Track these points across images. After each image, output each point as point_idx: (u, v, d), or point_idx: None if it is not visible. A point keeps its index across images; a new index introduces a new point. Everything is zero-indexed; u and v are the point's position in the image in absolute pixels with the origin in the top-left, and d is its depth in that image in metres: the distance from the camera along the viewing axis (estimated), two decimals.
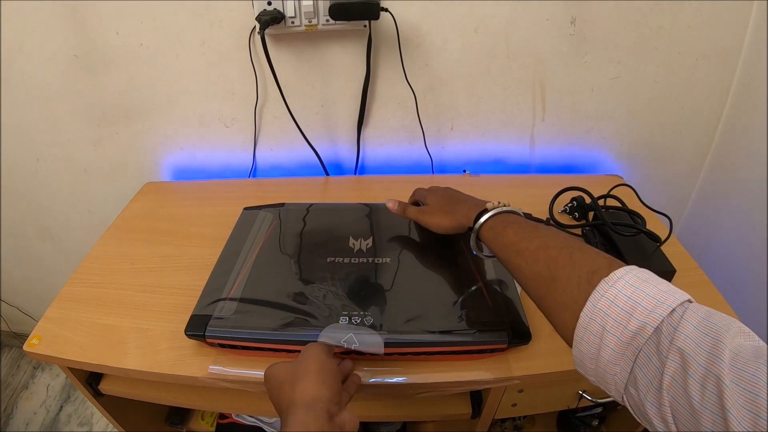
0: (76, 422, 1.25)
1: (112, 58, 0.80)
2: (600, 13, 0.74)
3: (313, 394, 0.38)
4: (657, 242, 0.66)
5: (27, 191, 1.01)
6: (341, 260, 0.59)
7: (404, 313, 0.52)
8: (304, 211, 0.72)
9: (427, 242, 0.63)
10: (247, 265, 0.61)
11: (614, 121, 0.86)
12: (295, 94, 0.83)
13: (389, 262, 0.59)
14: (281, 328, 0.51)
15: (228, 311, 0.54)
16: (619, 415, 0.86)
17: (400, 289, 0.56)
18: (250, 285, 0.57)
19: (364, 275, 0.57)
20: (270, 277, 0.59)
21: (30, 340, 0.59)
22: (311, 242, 0.65)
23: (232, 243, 0.66)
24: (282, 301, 0.54)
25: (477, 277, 0.57)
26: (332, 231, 0.66)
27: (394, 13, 0.72)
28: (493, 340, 0.49)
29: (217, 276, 0.60)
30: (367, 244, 0.62)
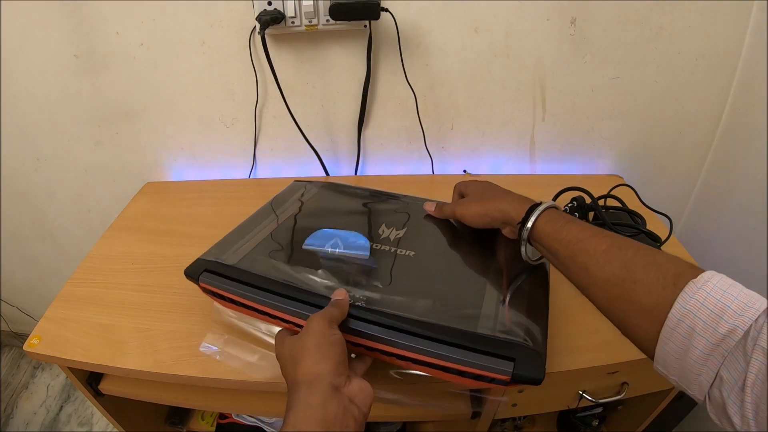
0: (76, 422, 1.25)
1: (112, 58, 0.80)
2: (600, 13, 0.74)
3: (312, 371, 0.36)
4: (657, 242, 0.66)
5: (27, 191, 1.01)
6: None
7: (407, 305, 0.46)
8: (351, 190, 0.70)
9: (462, 245, 0.58)
10: (269, 228, 0.60)
11: (614, 121, 0.86)
12: (296, 94, 0.83)
13: (412, 256, 0.54)
14: (274, 293, 0.47)
15: (231, 262, 0.52)
16: (619, 415, 0.86)
17: (413, 283, 0.50)
18: (263, 246, 0.56)
19: (381, 261, 0.53)
20: (286, 243, 0.57)
21: (30, 340, 0.59)
22: (343, 220, 0.63)
23: (265, 208, 0.65)
24: (286, 269, 0.51)
25: (504, 289, 0.49)
26: (368, 213, 0.64)
27: (394, 13, 0.72)
28: (493, 367, 0.40)
29: (238, 231, 0.59)
30: (398, 234, 0.58)
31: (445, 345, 0.41)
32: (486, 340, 0.41)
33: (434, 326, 0.42)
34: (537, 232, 0.45)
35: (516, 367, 0.40)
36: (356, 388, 0.37)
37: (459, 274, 0.53)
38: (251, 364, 0.54)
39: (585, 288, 0.40)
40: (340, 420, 0.34)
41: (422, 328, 0.42)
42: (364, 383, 0.38)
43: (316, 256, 0.54)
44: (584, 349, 0.56)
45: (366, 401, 0.37)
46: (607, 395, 0.64)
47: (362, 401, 0.37)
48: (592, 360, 0.55)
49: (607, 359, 0.55)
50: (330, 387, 0.35)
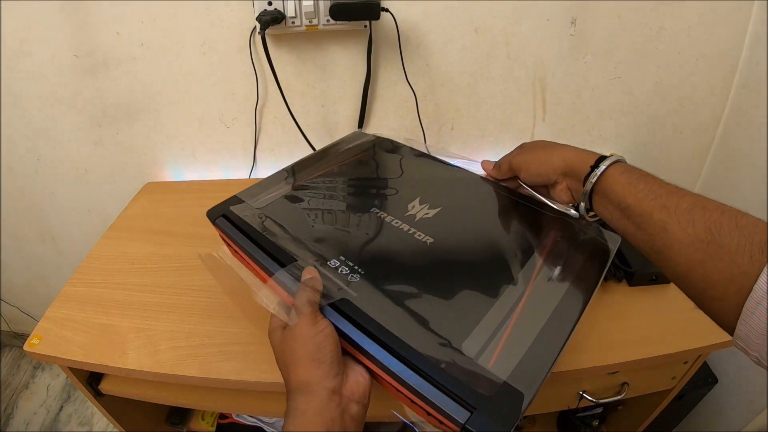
0: (77, 422, 1.25)
1: (112, 58, 0.80)
2: (600, 14, 0.74)
3: (304, 379, 0.34)
4: None
5: (27, 191, 1.01)
6: (383, 216, 0.50)
7: (386, 310, 0.39)
8: (407, 154, 0.64)
9: (495, 240, 0.48)
10: (304, 178, 0.58)
11: (614, 121, 0.86)
12: (296, 95, 0.83)
13: (429, 243, 0.47)
14: (270, 256, 0.45)
15: (248, 212, 0.52)
16: (619, 415, 0.86)
17: (413, 274, 0.44)
18: (285, 200, 0.54)
19: (390, 240, 0.47)
20: (309, 198, 0.55)
21: (30, 340, 0.59)
22: (377, 185, 0.58)
23: (319, 153, 0.64)
24: (294, 227, 0.49)
25: (515, 312, 0.40)
26: (408, 184, 0.57)
27: (394, 13, 0.72)
28: (445, 412, 0.33)
29: (275, 177, 0.59)
30: (426, 214, 0.51)
31: (407, 367, 0.35)
32: (449, 378, 0.34)
33: (400, 342, 0.36)
34: (606, 184, 0.41)
35: (472, 421, 0.32)
36: (353, 383, 0.36)
37: (470, 277, 0.44)
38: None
39: (660, 251, 0.36)
40: (338, 423, 0.33)
41: (388, 339, 0.37)
42: (360, 374, 0.36)
43: (330, 217, 0.51)
44: (584, 349, 0.56)
45: (364, 394, 0.36)
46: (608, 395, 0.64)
47: (361, 395, 0.36)
48: (592, 360, 0.54)
49: (607, 359, 0.55)
50: (325, 392, 0.34)
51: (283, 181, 0.58)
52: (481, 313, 0.39)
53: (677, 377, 0.66)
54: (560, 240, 0.47)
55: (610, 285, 0.64)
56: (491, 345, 0.36)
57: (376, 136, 0.68)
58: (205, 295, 0.64)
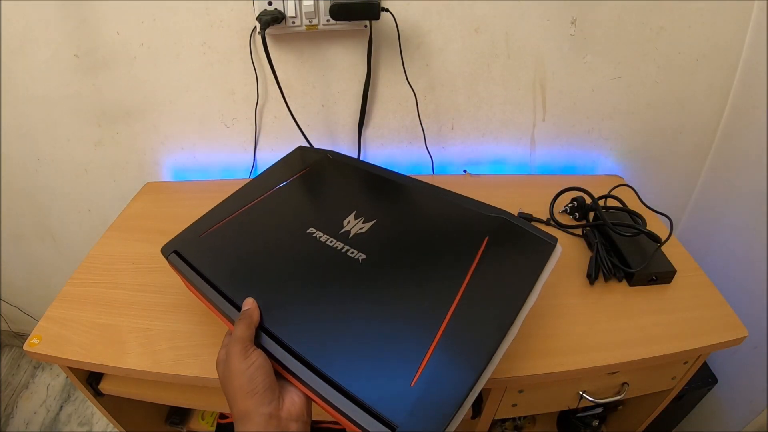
0: (77, 422, 1.25)
1: (112, 57, 0.80)
2: (601, 14, 0.74)
3: (242, 408, 0.36)
4: (657, 243, 0.66)
5: (27, 191, 1.01)
6: (318, 236, 0.49)
7: (314, 339, 0.40)
8: (346, 167, 0.63)
9: (428, 253, 0.46)
10: (244, 205, 0.58)
11: (615, 121, 0.86)
12: (296, 94, 0.83)
13: (361, 261, 0.46)
14: (216, 290, 0.47)
15: (195, 244, 0.54)
16: (619, 415, 0.86)
17: (342, 294, 0.43)
18: (229, 228, 0.55)
19: (321, 261, 0.47)
20: (248, 226, 0.55)
21: (30, 340, 0.59)
22: (316, 203, 0.57)
23: (258, 178, 0.64)
24: (233, 258, 0.50)
25: (440, 328, 0.38)
26: (346, 198, 0.56)
27: (394, 13, 0.72)
28: (366, 430, 0.34)
29: (222, 207, 0.59)
30: (361, 229, 0.50)
31: (335, 390, 0.36)
32: (370, 397, 0.34)
33: (324, 365, 0.37)
34: None
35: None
36: (289, 404, 0.37)
37: (397, 294, 0.42)
38: None
39: None
40: None
41: (314, 362, 0.38)
42: (296, 395, 0.38)
43: (264, 244, 0.52)
44: (584, 349, 0.56)
45: (302, 412, 0.38)
46: (607, 395, 0.64)
47: (298, 414, 0.37)
48: (592, 360, 0.55)
49: (607, 359, 0.55)
50: (262, 418, 0.35)
51: (227, 210, 0.58)
52: (405, 332, 0.39)
53: (677, 377, 0.66)
54: (494, 245, 0.45)
55: (611, 285, 0.64)
56: (413, 365, 0.36)
57: (318, 151, 0.67)
58: None
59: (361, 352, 0.38)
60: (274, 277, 0.47)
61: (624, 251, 0.66)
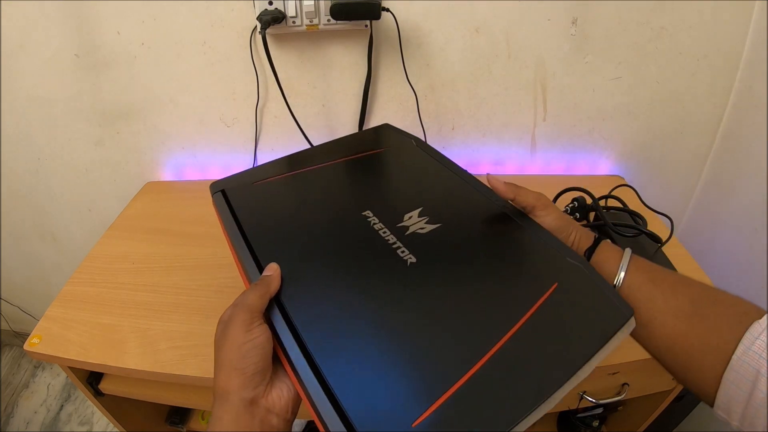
0: (77, 421, 1.25)
1: (113, 57, 0.80)
2: (601, 14, 0.74)
3: (223, 386, 0.34)
4: (658, 243, 0.65)
5: (28, 190, 1.01)
6: (372, 222, 0.45)
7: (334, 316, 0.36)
8: (429, 159, 0.57)
9: (485, 284, 0.40)
10: (309, 165, 0.54)
11: (615, 121, 0.86)
12: (296, 94, 0.83)
13: (410, 263, 0.40)
14: (246, 244, 0.43)
15: (245, 190, 0.51)
16: (619, 415, 0.86)
17: (376, 293, 0.38)
18: (284, 184, 0.52)
19: (366, 250, 0.42)
20: (303, 188, 0.52)
21: (30, 340, 0.59)
22: (380, 187, 0.53)
23: (332, 143, 0.60)
24: (276, 216, 0.47)
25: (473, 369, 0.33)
26: (416, 191, 0.51)
27: (395, 13, 0.72)
28: (324, 421, 0.31)
29: (281, 162, 0.56)
30: (421, 229, 0.44)
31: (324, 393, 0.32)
32: (353, 408, 0.31)
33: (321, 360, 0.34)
34: (601, 257, 0.42)
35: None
36: (275, 396, 0.34)
37: (435, 318, 0.36)
38: None
39: (644, 324, 0.37)
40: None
41: (313, 353, 0.34)
42: (286, 389, 0.35)
43: (315, 214, 0.48)
44: None
45: (286, 408, 0.35)
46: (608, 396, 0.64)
47: (281, 409, 0.34)
48: None
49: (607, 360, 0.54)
50: (241, 403, 0.33)
51: (288, 166, 0.55)
52: (429, 362, 0.33)
53: None
54: (561, 295, 0.38)
55: None
56: (424, 403, 0.31)
57: (405, 134, 0.62)
58: (204, 295, 0.64)
59: (372, 366, 0.33)
60: (310, 249, 0.43)
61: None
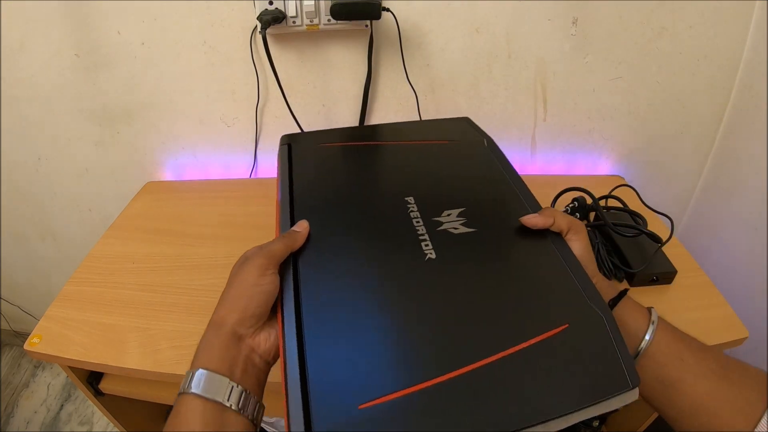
0: (77, 421, 1.25)
1: (113, 57, 0.80)
2: (602, 14, 0.74)
3: (221, 316, 0.36)
4: (658, 243, 0.65)
5: (28, 190, 1.01)
6: (411, 209, 0.44)
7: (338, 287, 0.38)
8: (490, 158, 0.54)
9: (497, 302, 0.37)
10: (378, 142, 0.56)
11: (616, 121, 0.86)
12: (297, 94, 0.83)
13: (428, 259, 0.40)
14: (290, 199, 0.46)
15: (309, 149, 0.55)
16: (619, 415, 0.86)
17: (381, 278, 0.38)
18: (347, 152, 0.55)
19: (393, 233, 0.42)
20: (363, 160, 0.54)
21: (31, 339, 0.59)
22: (432, 177, 0.51)
23: (408, 125, 0.62)
24: (326, 180, 0.50)
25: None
26: (466, 190, 0.49)
27: (395, 12, 0.72)
28: (290, 410, 0.31)
29: (354, 130, 0.60)
30: (455, 228, 0.43)
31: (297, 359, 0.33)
32: (318, 390, 0.31)
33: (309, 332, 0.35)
34: (624, 311, 0.41)
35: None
36: (261, 339, 0.36)
37: (429, 313, 0.36)
38: None
39: (671, 383, 0.36)
40: (240, 365, 0.34)
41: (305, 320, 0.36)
42: (272, 335, 0.37)
43: (359, 186, 0.50)
44: None
45: (269, 351, 0.37)
46: None
47: (264, 350, 0.36)
48: None
49: None
50: (231, 334, 0.35)
51: (358, 136, 0.57)
52: (402, 352, 0.33)
53: None
54: (567, 337, 0.34)
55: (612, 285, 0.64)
56: (378, 389, 0.30)
57: (480, 132, 0.60)
58: (204, 295, 0.64)
59: (351, 340, 0.34)
60: (342, 218, 0.44)
61: (625, 252, 0.66)
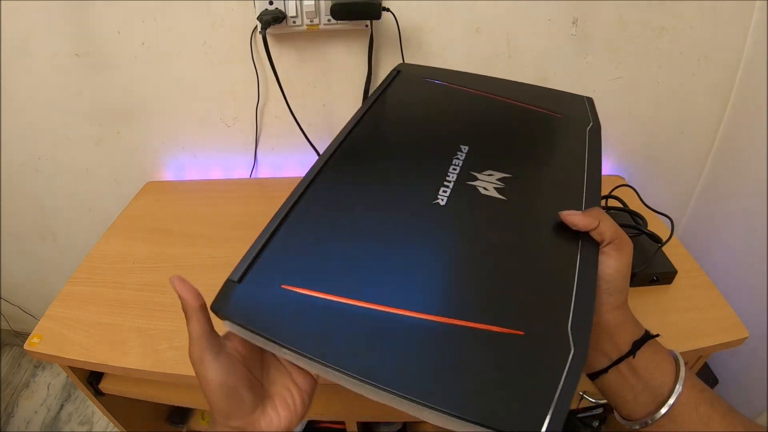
0: (77, 421, 1.25)
1: (113, 57, 0.80)
2: (602, 14, 0.74)
3: (214, 411, 0.30)
4: (658, 243, 0.65)
5: (28, 190, 1.01)
6: (457, 158, 0.41)
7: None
8: (581, 138, 0.51)
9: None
10: (478, 91, 0.53)
11: (616, 121, 0.86)
12: (297, 94, 0.83)
13: (440, 205, 0.37)
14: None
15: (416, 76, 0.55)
16: None
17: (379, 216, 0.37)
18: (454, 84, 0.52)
19: (425, 177, 0.39)
20: (453, 97, 0.51)
21: (31, 339, 0.59)
22: (506, 135, 0.47)
23: (513, 83, 0.58)
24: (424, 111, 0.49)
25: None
26: (525, 161, 0.45)
27: (395, 12, 0.72)
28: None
29: (465, 75, 0.55)
30: (483, 189, 0.39)
31: None
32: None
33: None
34: (649, 354, 0.39)
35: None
36: (264, 424, 0.31)
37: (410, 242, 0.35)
38: None
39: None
40: None
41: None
42: (275, 417, 0.31)
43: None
44: None
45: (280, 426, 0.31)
46: None
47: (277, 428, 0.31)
48: None
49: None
50: (229, 429, 0.30)
51: (467, 80, 0.55)
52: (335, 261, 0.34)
53: None
54: (516, 342, 0.30)
55: None
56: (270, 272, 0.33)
57: (593, 115, 0.59)
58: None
59: (320, 236, 0.35)
60: (391, 148, 0.46)
61: None
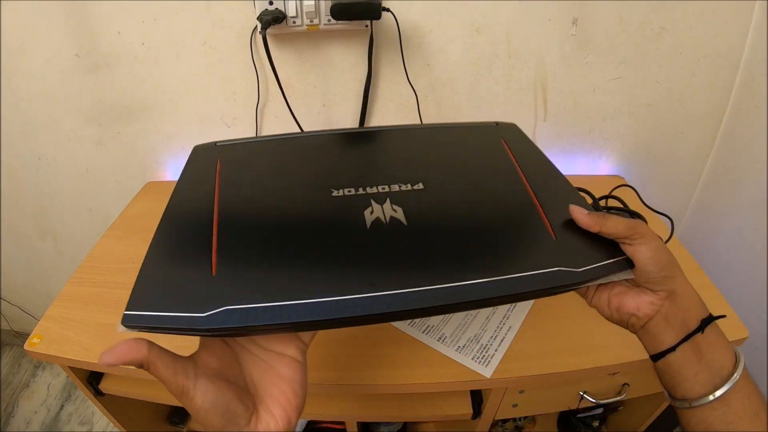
0: (77, 421, 1.25)
1: (113, 57, 0.80)
2: (602, 14, 0.74)
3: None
4: None
5: (28, 190, 1.01)
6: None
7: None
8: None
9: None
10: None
11: (616, 121, 0.86)
12: (297, 94, 0.83)
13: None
14: None
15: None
16: (619, 415, 0.86)
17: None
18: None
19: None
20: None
21: (31, 339, 0.59)
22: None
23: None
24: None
25: None
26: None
27: (395, 12, 0.72)
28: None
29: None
30: (394, 211, 0.38)
31: None
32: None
33: None
34: (709, 340, 0.36)
35: None
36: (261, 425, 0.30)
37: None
38: None
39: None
40: None
41: None
42: (272, 420, 0.30)
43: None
44: (585, 350, 0.56)
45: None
46: (608, 396, 0.64)
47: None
48: (593, 361, 0.54)
49: (607, 360, 0.55)
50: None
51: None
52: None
53: None
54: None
55: None
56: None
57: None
58: None
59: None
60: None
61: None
